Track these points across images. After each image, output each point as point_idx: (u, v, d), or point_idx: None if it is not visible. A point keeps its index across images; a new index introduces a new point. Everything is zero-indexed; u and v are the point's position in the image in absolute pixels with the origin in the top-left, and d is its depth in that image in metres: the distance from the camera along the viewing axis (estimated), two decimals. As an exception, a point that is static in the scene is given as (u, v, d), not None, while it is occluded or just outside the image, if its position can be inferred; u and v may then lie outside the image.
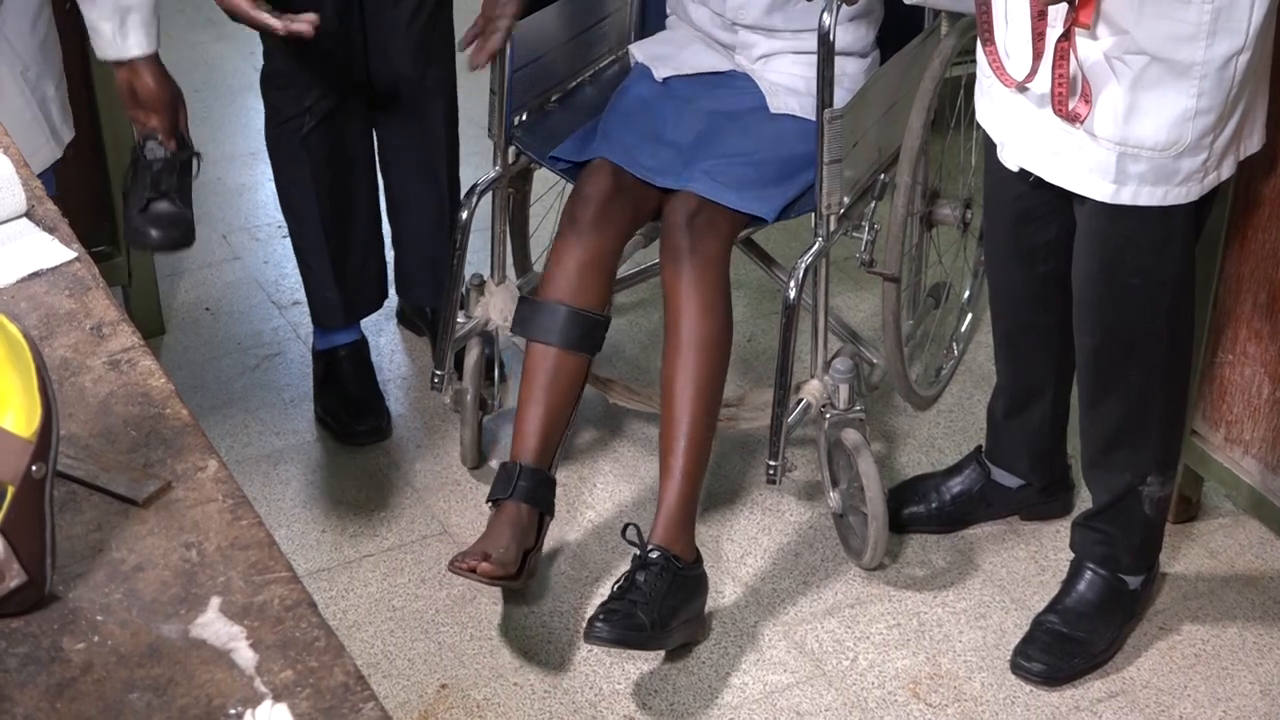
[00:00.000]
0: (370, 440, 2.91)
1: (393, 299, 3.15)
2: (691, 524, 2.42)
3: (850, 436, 2.49)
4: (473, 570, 2.31)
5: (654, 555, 2.36)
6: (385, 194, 2.98)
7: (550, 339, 2.45)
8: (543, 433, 2.44)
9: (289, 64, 2.71)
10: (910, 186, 2.53)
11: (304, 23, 2.38)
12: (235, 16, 2.44)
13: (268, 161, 2.91)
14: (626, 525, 2.42)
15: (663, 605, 2.33)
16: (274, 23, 2.38)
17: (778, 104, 2.59)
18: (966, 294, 3.12)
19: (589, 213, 2.46)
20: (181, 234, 2.58)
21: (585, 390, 2.53)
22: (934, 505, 2.67)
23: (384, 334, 3.19)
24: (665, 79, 2.67)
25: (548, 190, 2.88)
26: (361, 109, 2.83)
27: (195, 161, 2.52)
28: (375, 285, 3.00)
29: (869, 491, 2.48)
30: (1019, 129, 2.19)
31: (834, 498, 2.56)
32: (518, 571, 2.37)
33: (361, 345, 3.00)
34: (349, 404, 2.94)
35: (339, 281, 2.90)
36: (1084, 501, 2.59)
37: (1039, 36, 2.07)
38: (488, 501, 2.45)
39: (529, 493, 2.41)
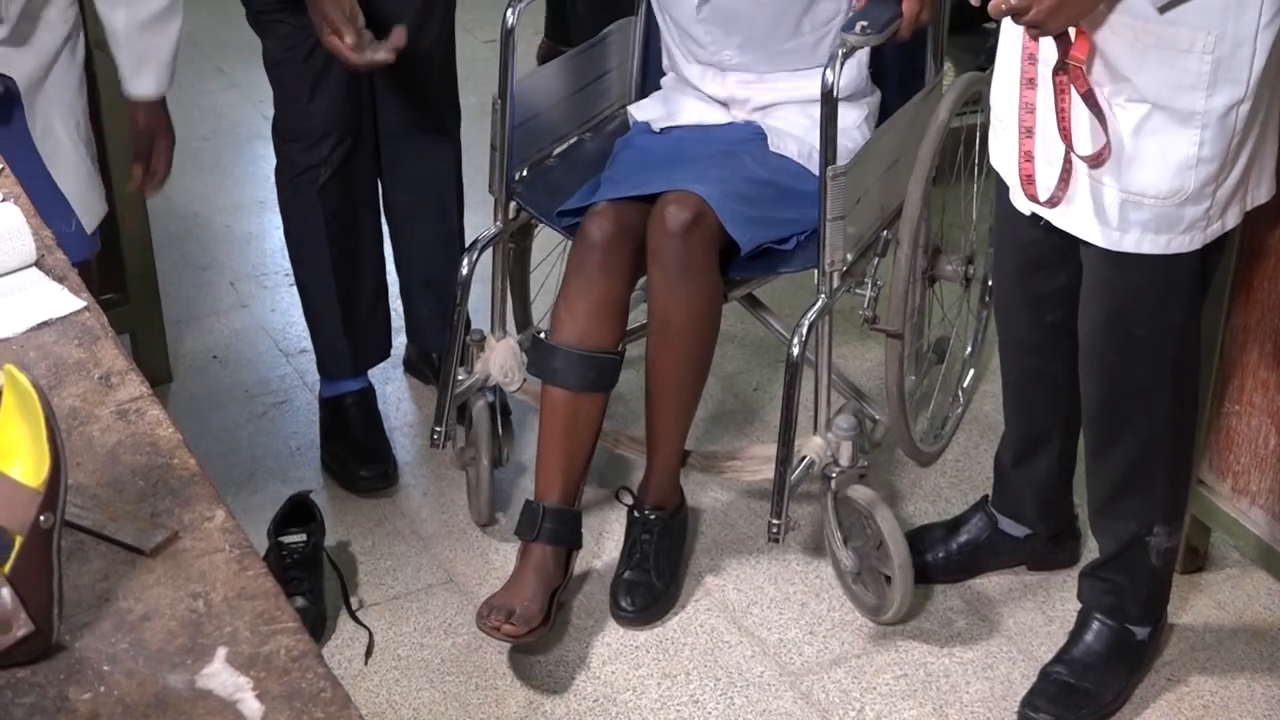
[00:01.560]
0: (376, 487, 2.91)
1: (398, 347, 3.15)
2: (679, 474, 2.62)
3: (863, 494, 2.48)
4: (497, 629, 2.38)
5: (653, 518, 2.60)
6: (393, 241, 2.99)
7: (568, 383, 2.47)
8: (565, 472, 2.50)
9: (303, 116, 2.72)
10: (911, 255, 2.53)
11: (387, 51, 2.53)
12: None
13: (275, 210, 2.92)
14: (620, 489, 2.67)
15: (669, 560, 2.62)
16: (381, 57, 2.53)
17: (777, 144, 2.59)
18: (969, 348, 3.12)
19: (595, 258, 2.46)
20: (309, 628, 2.73)
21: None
22: (941, 555, 2.67)
23: (391, 382, 3.19)
24: (664, 129, 2.68)
25: (553, 248, 2.88)
26: (371, 158, 2.84)
27: (328, 558, 2.63)
28: (383, 334, 3.01)
29: (894, 549, 2.45)
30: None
31: (848, 556, 2.53)
32: (544, 620, 2.44)
33: (368, 393, 3.00)
34: (356, 451, 2.94)
35: (348, 331, 2.90)
36: (1091, 551, 2.59)
37: (1029, 83, 2.08)
38: (516, 534, 2.53)
39: (555, 533, 2.48)
